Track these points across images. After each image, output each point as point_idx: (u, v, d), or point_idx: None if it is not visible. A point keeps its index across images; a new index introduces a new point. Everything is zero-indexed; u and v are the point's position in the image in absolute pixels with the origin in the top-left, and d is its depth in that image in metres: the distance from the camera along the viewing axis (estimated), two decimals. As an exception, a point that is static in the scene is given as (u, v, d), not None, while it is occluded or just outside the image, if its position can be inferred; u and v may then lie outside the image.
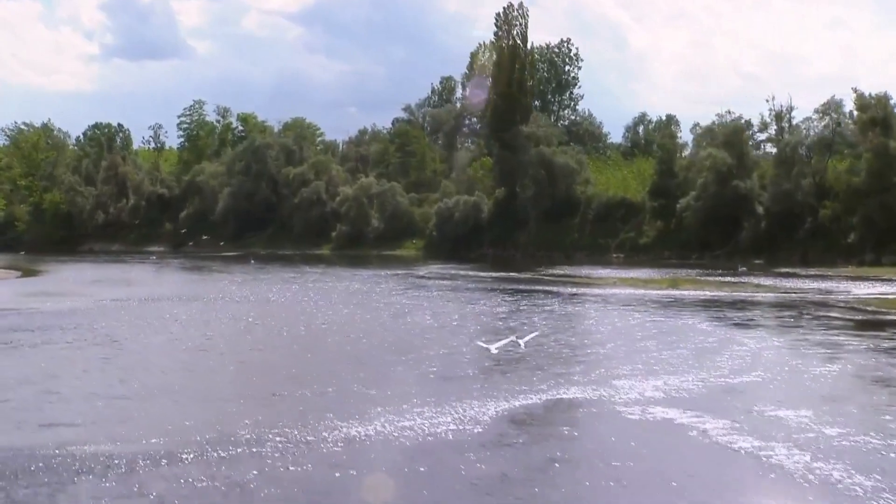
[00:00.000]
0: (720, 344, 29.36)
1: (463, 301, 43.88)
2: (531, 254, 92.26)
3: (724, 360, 25.74)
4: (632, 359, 25.73)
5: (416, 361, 25.10)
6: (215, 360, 26.33)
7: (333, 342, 30.18)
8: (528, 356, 25.86)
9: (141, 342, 29.99)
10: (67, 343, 29.57)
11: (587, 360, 25.79)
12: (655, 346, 28.45)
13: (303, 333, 32.62)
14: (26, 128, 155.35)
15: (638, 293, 48.72)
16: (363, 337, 31.03)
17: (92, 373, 24.21)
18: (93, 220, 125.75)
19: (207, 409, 19.54)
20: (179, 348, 28.96)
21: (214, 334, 31.98)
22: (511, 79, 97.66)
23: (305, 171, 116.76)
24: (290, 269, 73.13)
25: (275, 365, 25.66)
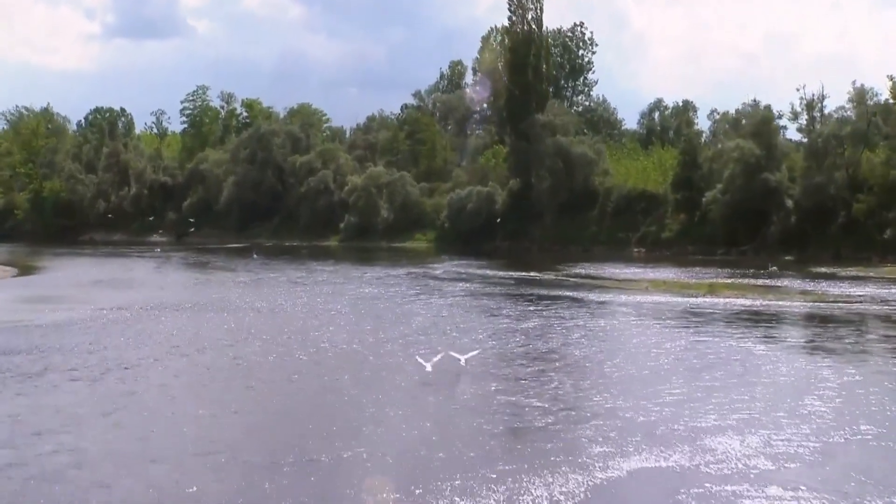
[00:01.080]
0: (796, 379, 25.90)
1: (485, 313, 40.20)
2: (547, 248, 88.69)
3: (814, 404, 22.30)
4: (706, 405, 22.13)
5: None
6: (239, 403, 22.98)
7: (363, 380, 26.60)
8: (581, 417, 22.32)
9: (152, 372, 26.86)
10: (71, 372, 26.44)
11: (651, 411, 22.15)
12: (723, 382, 24.95)
13: (326, 364, 29.04)
14: (27, 112, 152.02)
15: (675, 302, 45.13)
16: (391, 374, 27.52)
17: (110, 419, 21.21)
18: (94, 209, 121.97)
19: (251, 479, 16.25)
20: (198, 384, 25.51)
21: (230, 363, 28.56)
22: (526, 65, 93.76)
23: (312, 159, 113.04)
24: (297, 266, 69.68)
25: (308, 413, 22.27)
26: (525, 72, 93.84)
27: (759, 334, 34.40)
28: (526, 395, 23.49)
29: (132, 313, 40.02)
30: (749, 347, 31.17)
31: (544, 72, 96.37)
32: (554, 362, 28.42)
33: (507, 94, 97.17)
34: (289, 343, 32.18)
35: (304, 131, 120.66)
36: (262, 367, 27.84)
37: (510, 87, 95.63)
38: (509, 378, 25.69)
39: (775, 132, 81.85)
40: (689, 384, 24.87)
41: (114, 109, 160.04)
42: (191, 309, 41.56)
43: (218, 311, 40.89)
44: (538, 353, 30.29)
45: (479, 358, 27.79)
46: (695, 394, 23.57)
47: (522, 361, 28.43)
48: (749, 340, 32.75)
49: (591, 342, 32.41)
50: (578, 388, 24.63)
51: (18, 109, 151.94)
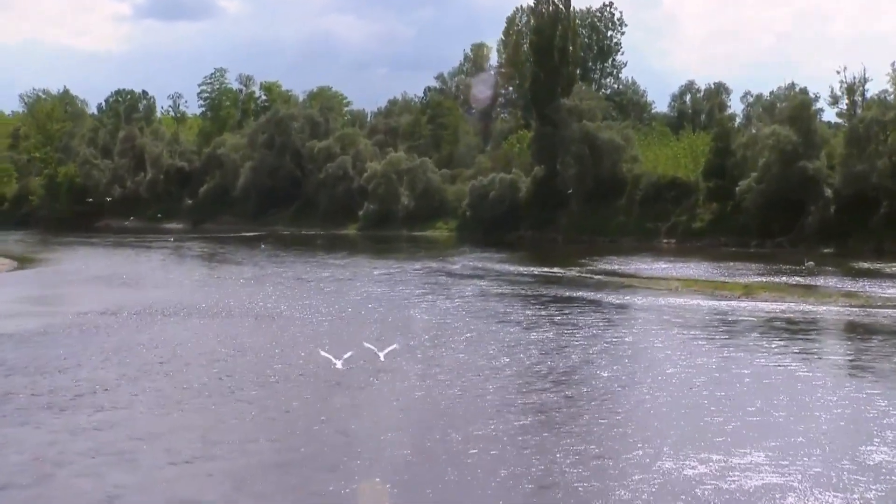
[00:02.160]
0: (851, 413, 22.85)
1: (493, 319, 36.81)
2: (573, 238, 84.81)
3: (880, 451, 19.02)
4: (754, 452, 18.82)
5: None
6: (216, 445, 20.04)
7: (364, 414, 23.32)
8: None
9: (125, 398, 24.12)
10: (35, 398, 23.92)
11: (686, 462, 18.68)
12: (769, 418, 21.92)
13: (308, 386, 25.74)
14: (44, 95, 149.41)
15: (707, 306, 41.57)
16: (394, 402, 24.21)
17: (73, 468, 18.57)
18: (109, 195, 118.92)
19: None
20: (174, 413, 22.63)
21: (210, 383, 25.75)
22: (552, 47, 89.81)
23: (331, 144, 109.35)
24: (306, 259, 66.51)
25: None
26: (551, 54, 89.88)
27: (801, 349, 31.07)
28: (535, 436, 20.13)
29: (119, 319, 37.04)
30: (792, 369, 27.83)
31: (571, 54, 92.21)
32: (560, 389, 25.02)
33: (531, 77, 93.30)
34: (273, 359, 29.00)
35: (323, 115, 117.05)
36: (241, 390, 24.90)
37: (535, 70, 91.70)
38: (533, 413, 22.32)
39: (813, 117, 77.77)
40: (729, 421, 21.74)
41: (135, 92, 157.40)
42: (181, 314, 38.49)
43: (209, 316, 37.88)
44: (543, 373, 26.96)
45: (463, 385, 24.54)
46: (739, 435, 20.48)
47: (525, 388, 25.05)
48: (790, 358, 29.40)
49: (607, 361, 29.03)
50: (591, 431, 21.20)
51: (35, 92, 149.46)
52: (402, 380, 26.24)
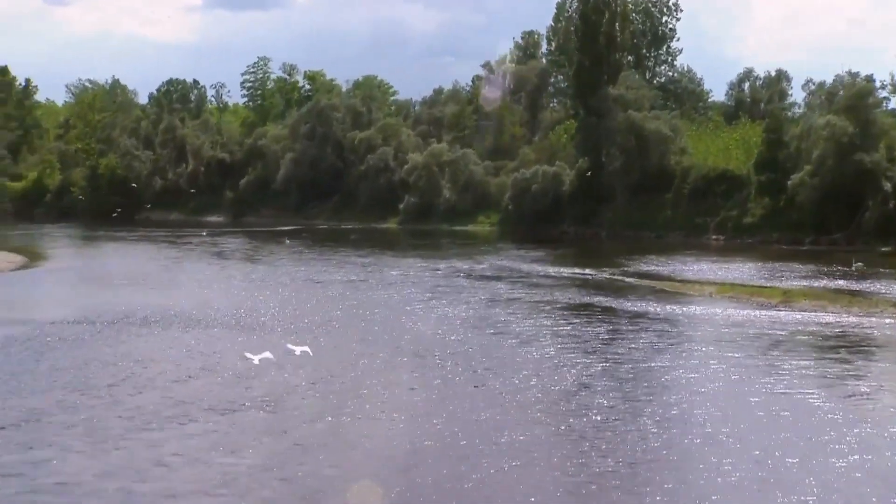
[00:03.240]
0: None
1: (491, 330, 33.08)
2: (617, 233, 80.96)
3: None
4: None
5: None
6: None
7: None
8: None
9: (57, 448, 20.44)
10: None
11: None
12: (826, 476, 18.11)
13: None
14: (90, 85, 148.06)
15: (737, 315, 37.68)
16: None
17: None
18: (150, 187, 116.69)
19: None
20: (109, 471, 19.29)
21: (157, 410, 22.59)
22: (598, 33, 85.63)
23: (372, 135, 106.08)
24: (328, 258, 63.29)
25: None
26: (596, 41, 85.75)
27: (844, 373, 27.39)
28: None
29: (90, 329, 34.03)
30: (841, 405, 23.95)
31: (618, 40, 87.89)
32: (540, 422, 21.42)
33: (576, 65, 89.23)
34: (220, 383, 25.77)
35: (365, 105, 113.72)
36: (189, 420, 21.86)
37: (580, 57, 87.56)
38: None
39: (873, 106, 72.93)
40: (737, 468, 17.94)
41: (185, 82, 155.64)
42: (156, 323, 35.34)
43: (184, 326, 34.61)
44: (523, 402, 23.33)
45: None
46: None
47: (497, 425, 21.48)
48: (837, 387, 25.77)
49: (602, 385, 25.29)
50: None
51: (82, 82, 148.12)
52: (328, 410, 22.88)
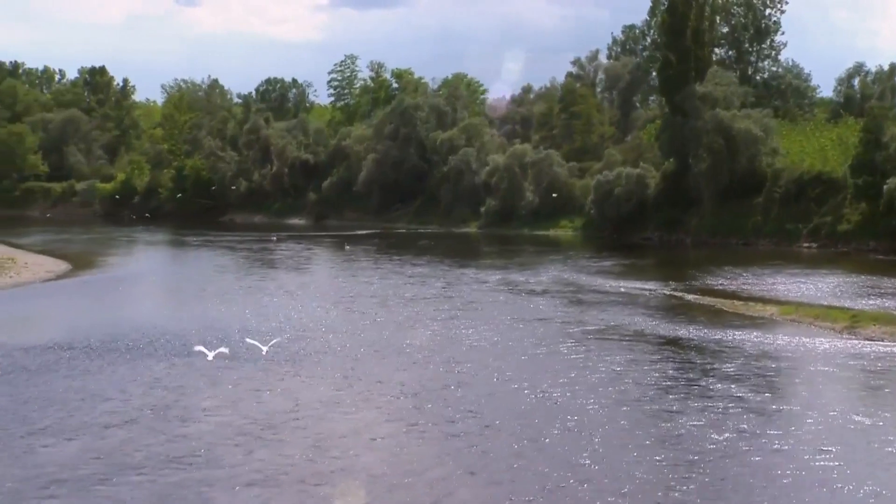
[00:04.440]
0: None
1: (496, 356, 29.13)
2: (704, 240, 75.97)
3: None
4: None
5: None
6: None
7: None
8: None
9: None
10: None
11: None
12: None
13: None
14: (185, 84, 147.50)
15: (790, 344, 33.13)
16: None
17: None
18: (235, 189, 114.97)
19: None
20: None
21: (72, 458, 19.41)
22: (685, 27, 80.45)
23: (455, 135, 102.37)
24: (380, 265, 60.39)
25: None
26: (683, 35, 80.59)
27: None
28: None
29: (65, 356, 31.12)
30: None
31: (706, 34, 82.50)
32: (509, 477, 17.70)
33: (662, 60, 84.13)
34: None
35: (450, 104, 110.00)
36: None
37: (666, 52, 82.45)
38: None
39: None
40: None
41: (284, 80, 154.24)
42: (139, 349, 32.25)
43: (171, 355, 31.29)
44: (498, 451, 19.49)
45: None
46: None
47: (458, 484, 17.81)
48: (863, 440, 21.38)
49: (587, 430, 21.23)
50: None
51: (178, 81, 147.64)
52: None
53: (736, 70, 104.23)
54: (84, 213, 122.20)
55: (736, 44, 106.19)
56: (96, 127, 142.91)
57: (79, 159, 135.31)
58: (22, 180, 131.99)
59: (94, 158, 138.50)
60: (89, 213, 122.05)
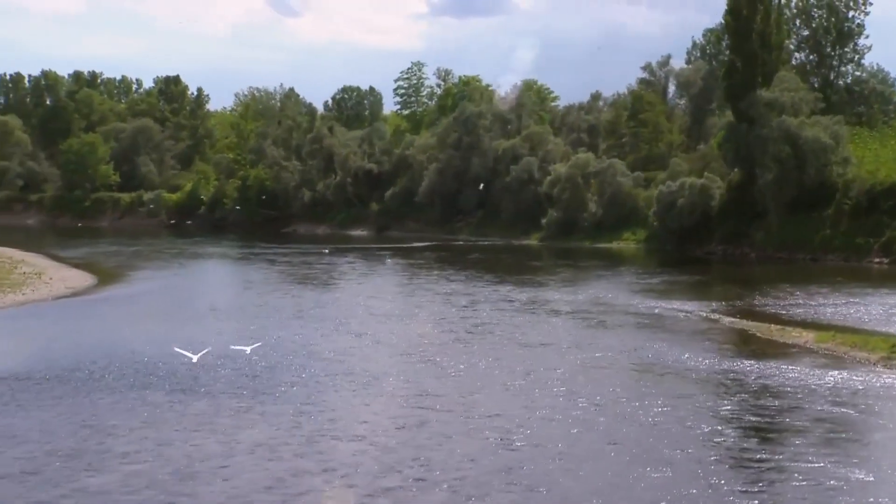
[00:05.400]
0: None
1: (468, 393, 26.13)
2: (769, 255, 71.81)
3: None
4: None
5: None
6: None
7: None
8: None
9: None
10: None
11: None
12: None
13: None
14: (259, 93, 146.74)
15: (815, 379, 29.43)
16: None
17: None
18: (298, 199, 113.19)
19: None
20: None
21: None
22: (750, 30, 76.25)
23: (517, 144, 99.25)
24: (415, 282, 57.68)
25: None
26: (749, 38, 76.40)
27: None
28: None
29: (34, 386, 28.71)
30: None
31: (774, 37, 77.97)
32: None
33: (726, 65, 79.99)
34: None
35: (515, 112, 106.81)
36: None
37: (731, 56, 78.38)
38: None
39: None
40: None
41: (360, 88, 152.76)
42: (93, 383, 29.65)
43: (124, 388, 28.76)
44: None
45: None
46: None
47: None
48: None
49: None
50: None
51: (251, 90, 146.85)
52: None
53: (817, 75, 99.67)
54: (150, 223, 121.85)
55: (817, 48, 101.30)
56: (169, 137, 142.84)
57: (150, 169, 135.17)
58: (94, 190, 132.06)
59: (167, 168, 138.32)
60: (156, 223, 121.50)
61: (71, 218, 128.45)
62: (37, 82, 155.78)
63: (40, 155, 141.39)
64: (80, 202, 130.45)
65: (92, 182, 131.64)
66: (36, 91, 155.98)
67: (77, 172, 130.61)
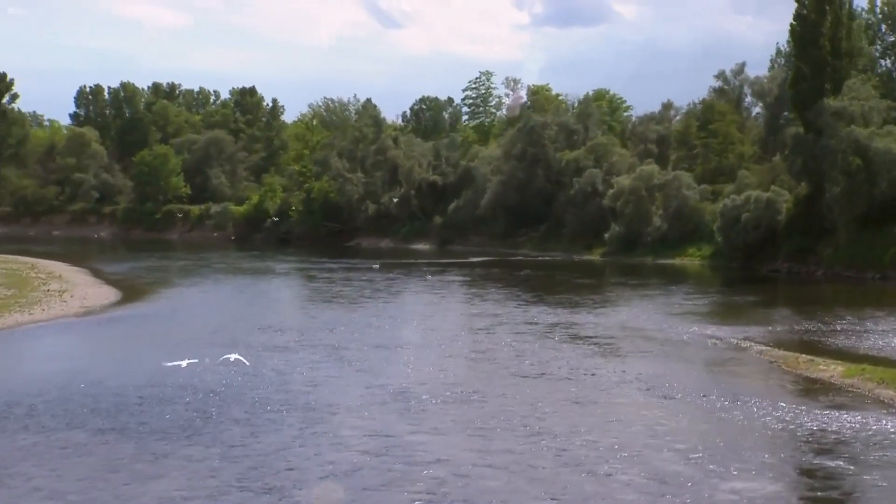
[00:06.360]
0: None
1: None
2: (837, 274, 67.57)
3: None
4: None
5: None
6: None
7: None
8: None
9: None
10: None
11: None
12: None
13: None
14: (333, 104, 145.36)
15: (820, 421, 26.13)
16: None
17: None
18: (362, 212, 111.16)
19: None
20: None
21: None
22: (818, 35, 71.97)
23: (581, 155, 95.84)
24: (455, 298, 55.87)
25: None
26: (817, 44, 72.12)
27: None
28: None
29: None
30: None
31: (842, 43, 73.43)
32: None
33: (793, 72, 75.73)
34: None
35: (581, 123, 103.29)
36: None
37: (797, 63, 74.11)
38: None
39: None
40: None
41: (438, 99, 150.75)
42: (32, 419, 27.67)
43: (64, 427, 26.53)
44: None
45: None
46: None
47: None
48: None
49: None
50: None
51: (325, 101, 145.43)
52: None
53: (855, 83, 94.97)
54: (217, 236, 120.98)
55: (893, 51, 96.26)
56: (242, 148, 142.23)
57: (222, 181, 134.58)
58: (165, 202, 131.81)
59: (239, 180, 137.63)
60: (222, 237, 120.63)
61: (142, 230, 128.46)
62: (116, 94, 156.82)
63: (115, 167, 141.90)
64: (151, 214, 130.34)
65: (163, 194, 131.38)
66: (115, 103, 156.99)
67: (148, 184, 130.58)
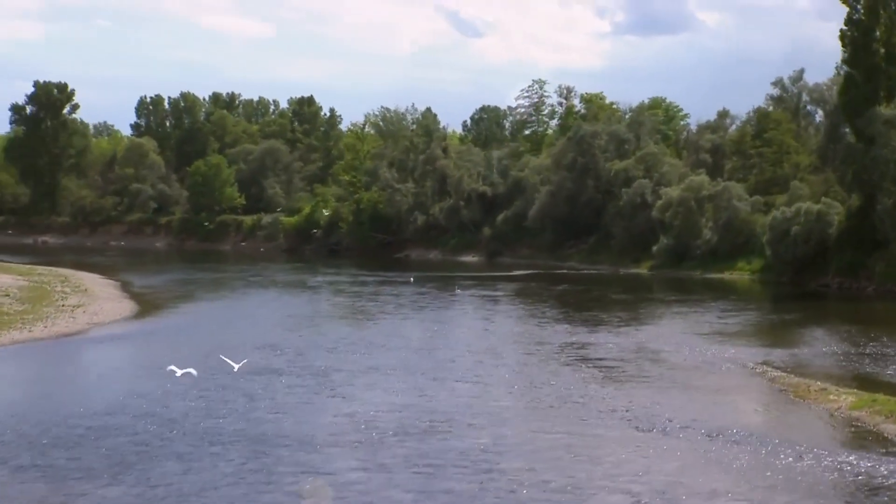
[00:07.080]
0: None
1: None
2: (890, 289, 64.32)
3: None
4: None
5: None
6: None
7: None
8: None
9: None
10: None
11: None
12: None
13: None
14: (390, 113, 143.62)
15: (812, 458, 23.85)
16: None
17: None
18: (411, 223, 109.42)
19: None
20: None
21: None
22: (871, 40, 68.86)
23: (631, 165, 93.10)
24: (475, 314, 54.04)
25: None
26: (869, 50, 69.01)
27: None
28: None
29: None
30: None
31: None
32: None
33: (844, 79, 72.59)
34: None
35: (633, 131, 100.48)
36: None
37: (849, 70, 70.97)
38: None
39: None
40: None
41: (498, 109, 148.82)
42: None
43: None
44: None
45: None
46: None
47: None
48: None
49: None
50: None
51: (382, 110, 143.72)
52: None
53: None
54: (268, 247, 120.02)
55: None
56: (299, 158, 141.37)
57: (276, 191, 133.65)
58: (219, 213, 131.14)
59: (295, 190, 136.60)
60: (273, 247, 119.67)
61: (196, 241, 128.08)
62: (175, 104, 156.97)
63: (173, 177, 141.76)
64: (205, 225, 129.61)
65: (217, 204, 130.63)
66: (175, 113, 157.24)
67: (203, 195, 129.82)
